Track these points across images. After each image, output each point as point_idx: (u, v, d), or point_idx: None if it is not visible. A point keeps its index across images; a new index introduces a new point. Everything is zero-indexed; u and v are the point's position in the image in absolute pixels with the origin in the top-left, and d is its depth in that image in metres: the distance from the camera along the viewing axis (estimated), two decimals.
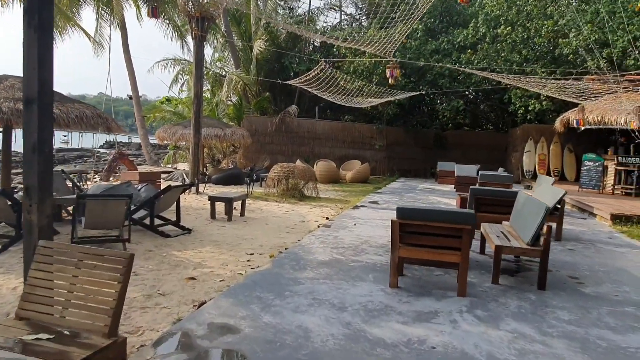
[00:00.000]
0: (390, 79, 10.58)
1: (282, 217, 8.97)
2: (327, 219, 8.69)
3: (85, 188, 9.78)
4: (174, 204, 7.36)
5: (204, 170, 16.66)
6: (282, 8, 23.85)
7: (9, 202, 5.60)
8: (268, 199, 11.28)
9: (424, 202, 11.56)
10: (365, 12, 23.86)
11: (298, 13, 24.54)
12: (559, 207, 7.28)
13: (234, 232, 7.32)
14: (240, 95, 21.32)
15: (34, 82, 2.96)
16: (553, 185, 8.82)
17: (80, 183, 12.29)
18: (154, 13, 8.39)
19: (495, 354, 3.18)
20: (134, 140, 48.25)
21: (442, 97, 21.54)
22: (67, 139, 65.32)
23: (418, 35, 20.18)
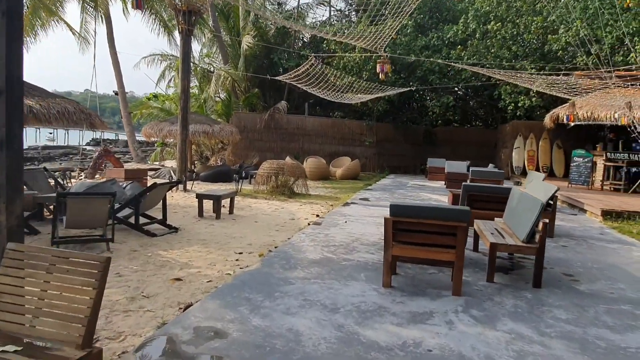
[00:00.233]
0: (381, 74, 10.44)
1: (271, 214, 8.80)
2: (317, 217, 8.54)
3: (69, 186, 9.49)
4: (161, 202, 7.17)
5: (192, 168, 16.39)
6: (270, 3, 23.59)
7: None
8: (257, 197, 11.10)
9: (415, 198, 11.48)
10: (355, 7, 23.71)
11: (287, 9, 24.32)
12: (551, 203, 7.23)
13: (223, 230, 7.13)
14: (229, 92, 21.05)
15: (2, 72, 2.72)
16: (544, 181, 8.81)
17: (64, 181, 12.00)
18: (139, 4, 8.13)
19: (494, 357, 3.07)
20: (121, 138, 47.56)
21: (432, 93, 21.50)
22: (53, 136, 64.25)
23: (408, 31, 20.09)
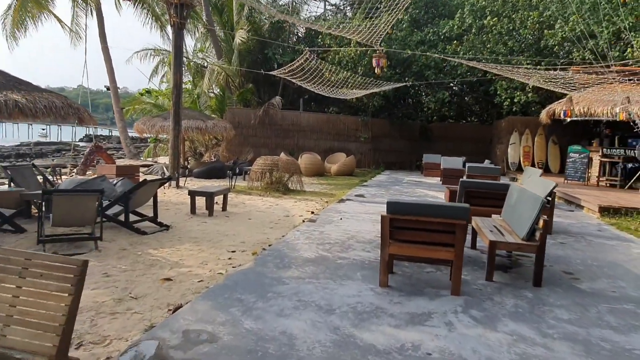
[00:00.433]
0: (377, 69, 10.28)
1: (265, 211, 8.65)
2: (312, 214, 8.40)
3: (59, 182, 9.28)
4: (152, 199, 6.99)
5: (185, 164, 16.19)
6: None
7: None
8: (251, 193, 10.94)
9: (411, 194, 11.36)
10: (350, 1, 23.50)
11: (282, 3, 24.06)
12: (549, 199, 7.13)
13: (215, 228, 6.98)
14: (223, 87, 20.79)
15: None
16: (541, 177, 8.72)
17: (54, 177, 11.77)
18: None
19: None
20: (115, 134, 47.04)
21: (427, 89, 21.38)
22: (45, 132, 63.66)
23: (403, 26, 19.93)
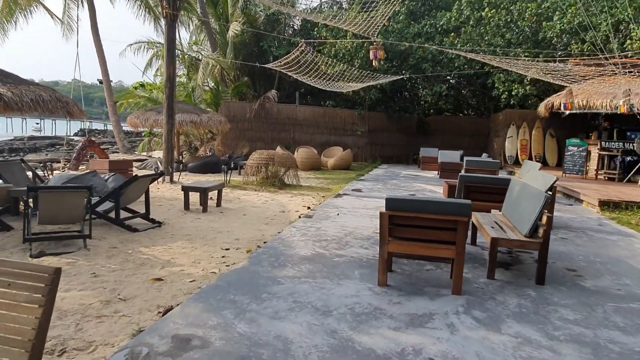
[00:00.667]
0: (374, 61, 10.09)
1: (261, 207, 8.49)
2: (308, 209, 8.24)
3: (49, 178, 9.07)
4: (144, 195, 6.81)
5: (180, 158, 15.98)
6: None
7: None
8: (247, 188, 10.77)
9: (409, 189, 11.22)
10: None
11: None
12: (550, 194, 7.00)
13: (209, 224, 6.81)
14: (218, 80, 20.53)
15: None
16: (540, 171, 8.59)
17: (45, 172, 11.55)
18: None
19: None
20: (110, 128, 46.57)
21: (424, 82, 21.19)
22: (39, 127, 63.05)
23: (400, 18, 19.70)
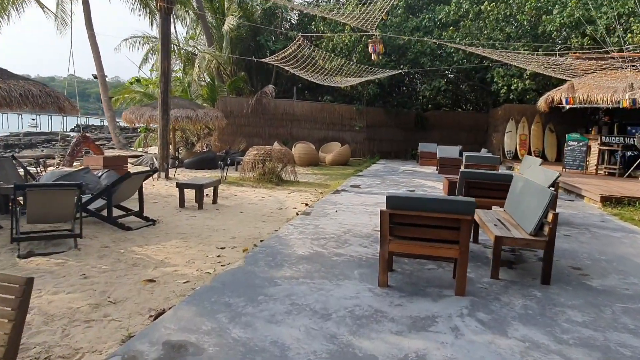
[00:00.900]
0: (373, 55, 9.92)
1: (258, 203, 8.34)
2: (306, 206, 8.10)
3: (40, 175, 8.88)
4: (137, 193, 6.65)
5: (176, 154, 15.79)
6: None
7: None
8: (243, 184, 10.61)
9: (408, 185, 11.08)
10: None
11: None
12: (554, 191, 6.86)
13: (205, 222, 6.65)
14: (214, 75, 20.30)
15: None
16: (541, 166, 8.46)
17: (38, 169, 11.36)
18: None
19: None
20: (106, 124, 46.19)
21: (423, 76, 21.01)
22: (35, 122, 62.63)
23: (398, 12, 19.50)
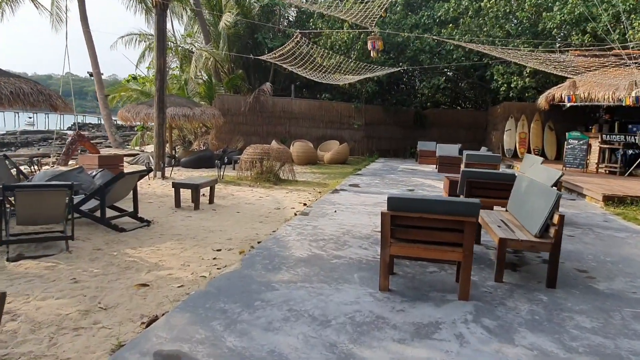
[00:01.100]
0: (372, 52, 9.76)
1: (255, 203, 8.19)
2: (304, 205, 7.96)
3: (33, 175, 8.71)
4: (132, 193, 6.50)
5: (173, 153, 15.62)
6: None
7: None
8: (241, 184, 10.46)
9: (407, 184, 10.95)
10: None
11: None
12: (560, 192, 6.74)
13: (200, 223, 6.51)
14: (211, 73, 20.12)
15: None
16: (543, 165, 8.34)
17: (32, 168, 11.18)
18: None
19: None
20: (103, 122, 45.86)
21: (421, 74, 20.87)
22: (32, 121, 62.27)
23: (397, 9, 19.34)
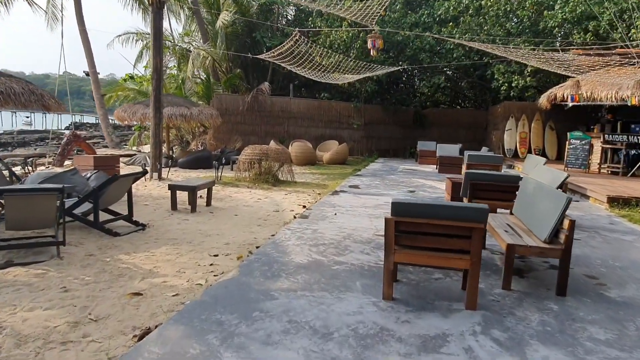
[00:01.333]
0: (372, 51, 9.61)
1: (253, 205, 8.03)
2: (304, 208, 7.79)
3: (27, 176, 8.52)
4: (127, 195, 6.33)
5: (170, 153, 15.44)
6: None
7: None
8: (239, 185, 10.29)
9: (408, 185, 10.79)
10: None
11: None
12: (570, 196, 6.59)
13: (197, 226, 6.34)
14: (209, 72, 19.94)
15: None
16: (546, 166, 8.19)
17: (26, 169, 11.00)
18: None
19: None
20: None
21: (421, 73, 20.72)
22: (29, 120, 61.94)
23: (397, 8, 19.19)
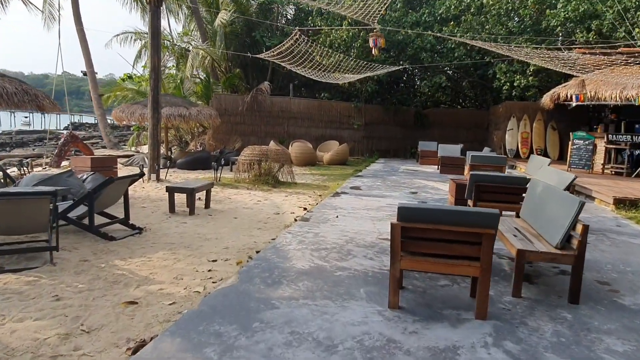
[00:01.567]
0: (374, 49, 9.45)
1: (253, 208, 7.87)
2: (305, 210, 7.63)
3: (25, 177, 8.36)
4: (123, 198, 6.17)
5: (168, 154, 15.28)
6: None
7: None
8: (238, 186, 10.14)
9: (410, 186, 10.64)
10: None
11: None
12: (583, 200, 6.44)
13: (196, 230, 6.19)
14: (208, 72, 19.78)
15: None
16: (550, 167, 8.05)
17: (23, 170, 10.83)
18: None
19: None
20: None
21: (422, 73, 20.57)
22: (28, 121, 61.77)
23: (397, 7, 19.04)
